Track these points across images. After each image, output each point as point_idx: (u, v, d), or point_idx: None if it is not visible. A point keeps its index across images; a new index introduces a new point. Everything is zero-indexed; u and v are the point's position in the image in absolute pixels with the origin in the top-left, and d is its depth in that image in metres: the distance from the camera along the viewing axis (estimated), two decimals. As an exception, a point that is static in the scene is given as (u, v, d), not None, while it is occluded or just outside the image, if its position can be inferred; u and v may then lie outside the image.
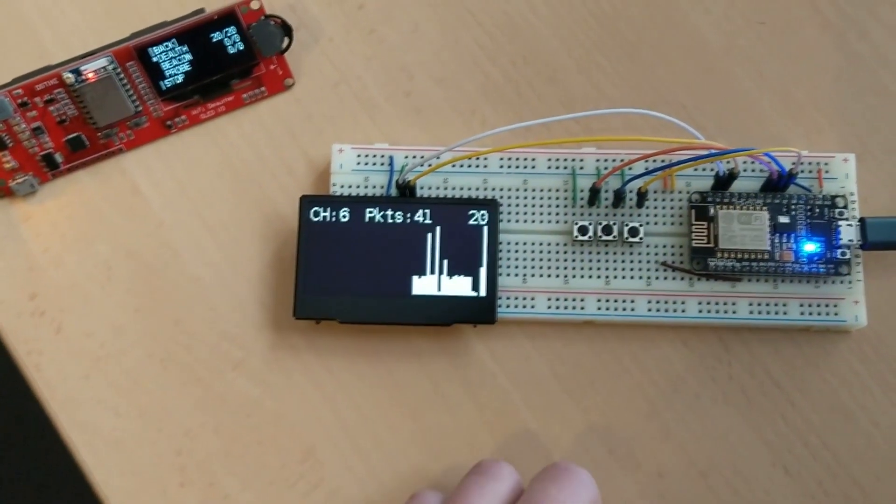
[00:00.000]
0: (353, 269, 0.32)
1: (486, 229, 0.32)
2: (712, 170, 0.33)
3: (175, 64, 0.33)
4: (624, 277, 0.33)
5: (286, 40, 0.34)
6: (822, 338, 0.33)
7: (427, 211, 0.32)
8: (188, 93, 0.34)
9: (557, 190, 0.33)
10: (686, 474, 0.32)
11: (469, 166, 0.34)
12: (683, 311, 0.32)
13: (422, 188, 0.33)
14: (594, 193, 0.33)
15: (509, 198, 0.33)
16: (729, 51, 0.35)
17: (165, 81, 0.34)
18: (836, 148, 0.34)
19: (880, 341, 0.33)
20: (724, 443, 0.32)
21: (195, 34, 0.33)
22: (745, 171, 0.33)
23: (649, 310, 0.32)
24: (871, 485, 0.32)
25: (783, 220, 0.32)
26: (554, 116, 0.31)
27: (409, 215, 0.32)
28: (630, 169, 0.33)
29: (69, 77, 0.33)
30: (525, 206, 0.33)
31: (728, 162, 0.32)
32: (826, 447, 0.32)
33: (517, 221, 0.33)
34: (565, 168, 0.34)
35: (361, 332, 0.33)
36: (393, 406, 0.33)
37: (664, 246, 0.33)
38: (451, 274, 0.32)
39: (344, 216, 0.32)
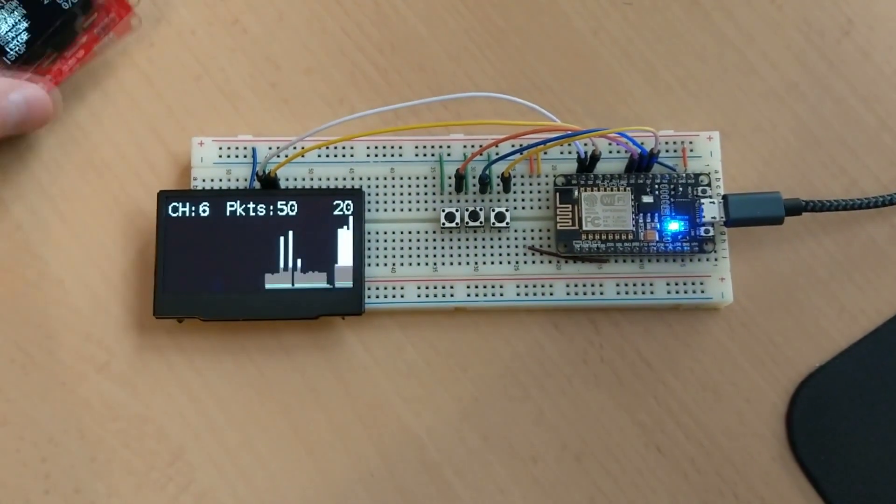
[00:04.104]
0: (214, 265, 0.31)
1: (351, 219, 0.32)
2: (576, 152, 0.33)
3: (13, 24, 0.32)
4: (492, 263, 0.32)
5: None
6: (692, 316, 0.33)
7: (290, 203, 0.32)
8: (38, 50, 0.32)
9: (425, 177, 0.33)
10: (560, 458, 0.32)
11: (335, 156, 0.33)
12: (552, 294, 0.32)
13: (287, 179, 0.33)
14: (459, 179, 0.32)
15: (376, 187, 0.33)
16: (596, 33, 0.35)
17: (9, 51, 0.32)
18: (704, 126, 0.34)
19: (749, 317, 0.33)
20: (597, 425, 0.32)
21: None
22: (610, 153, 0.33)
23: (518, 294, 0.32)
24: (743, 462, 0.32)
25: (647, 199, 0.32)
26: (410, 101, 0.31)
27: (271, 208, 0.32)
28: (497, 154, 0.33)
29: None
30: (393, 194, 0.33)
31: (587, 144, 0.32)
32: (698, 425, 0.32)
33: (385, 210, 0.33)
34: (433, 155, 0.33)
35: (228, 330, 0.32)
36: (263, 403, 0.32)
37: (531, 230, 0.32)
38: (307, 269, 0.31)
39: (204, 211, 0.32)
